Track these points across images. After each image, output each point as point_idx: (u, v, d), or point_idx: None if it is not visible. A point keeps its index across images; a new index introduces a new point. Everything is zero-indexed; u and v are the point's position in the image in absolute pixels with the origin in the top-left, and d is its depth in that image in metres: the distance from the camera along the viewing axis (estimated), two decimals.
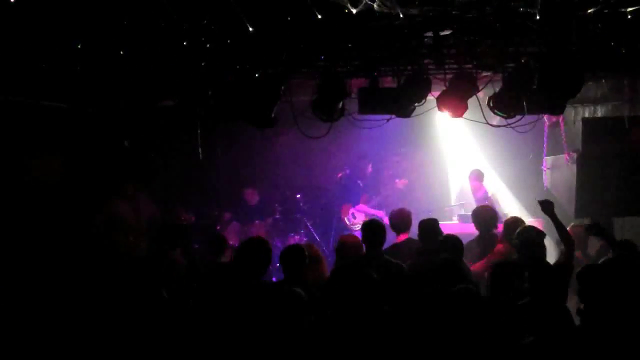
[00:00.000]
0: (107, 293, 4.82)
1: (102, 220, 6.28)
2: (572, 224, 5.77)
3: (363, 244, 4.91)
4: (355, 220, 8.68)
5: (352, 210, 8.84)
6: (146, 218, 6.59)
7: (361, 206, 8.84)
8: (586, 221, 5.82)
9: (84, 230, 6.34)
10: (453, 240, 4.81)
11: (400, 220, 5.59)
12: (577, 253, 5.40)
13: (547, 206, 4.78)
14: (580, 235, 5.59)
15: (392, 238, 5.61)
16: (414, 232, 5.59)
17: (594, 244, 5.68)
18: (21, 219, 6.03)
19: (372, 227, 4.91)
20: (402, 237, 5.57)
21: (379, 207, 8.90)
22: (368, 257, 4.76)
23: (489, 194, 8.16)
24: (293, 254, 4.48)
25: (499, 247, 5.27)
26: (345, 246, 4.91)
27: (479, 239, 5.62)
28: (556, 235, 4.95)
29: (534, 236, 4.77)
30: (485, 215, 5.73)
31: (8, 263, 5.68)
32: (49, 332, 4.73)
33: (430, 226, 5.27)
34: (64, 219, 6.42)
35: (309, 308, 3.61)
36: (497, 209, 7.27)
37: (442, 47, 5.08)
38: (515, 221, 5.41)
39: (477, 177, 8.35)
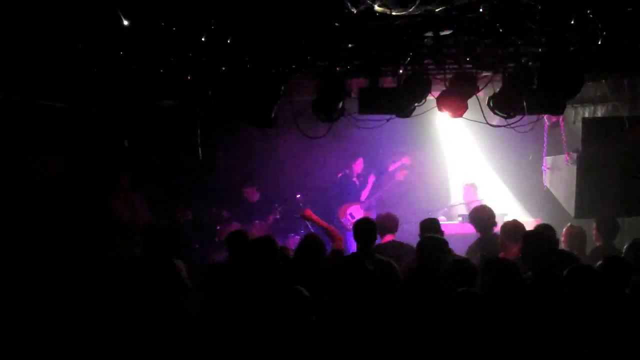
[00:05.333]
0: (105, 294, 4.82)
1: (100, 220, 6.30)
2: (570, 224, 5.77)
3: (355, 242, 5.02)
4: (354, 220, 8.68)
5: (349, 211, 8.84)
6: (140, 220, 6.60)
7: (356, 206, 8.84)
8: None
9: (85, 231, 6.35)
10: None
11: (385, 221, 5.62)
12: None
13: None
14: (579, 236, 5.59)
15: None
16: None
17: (592, 244, 5.68)
18: (22, 218, 6.04)
19: (363, 225, 5.01)
20: (387, 238, 5.60)
21: (378, 205, 8.91)
22: (360, 255, 4.79)
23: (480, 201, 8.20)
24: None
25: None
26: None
27: (480, 241, 5.59)
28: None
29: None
30: (483, 215, 5.71)
31: (9, 262, 5.69)
32: (48, 332, 4.73)
33: (431, 226, 5.28)
34: (64, 218, 6.43)
35: (312, 306, 3.61)
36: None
37: (442, 47, 5.07)
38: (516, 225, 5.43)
39: (471, 188, 8.50)
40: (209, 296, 4.51)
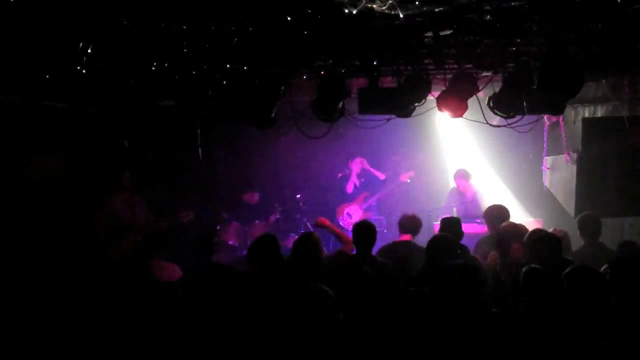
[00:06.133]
0: (105, 293, 4.83)
1: (101, 220, 6.31)
2: (554, 227, 5.77)
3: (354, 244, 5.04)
4: (351, 219, 8.67)
5: (347, 210, 8.83)
6: (141, 221, 6.62)
7: (354, 206, 8.84)
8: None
9: (85, 231, 6.35)
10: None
11: (409, 222, 5.61)
12: None
13: None
14: (563, 239, 5.58)
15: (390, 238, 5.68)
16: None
17: (578, 245, 5.67)
18: (21, 219, 6.04)
19: (362, 229, 5.01)
20: (404, 237, 5.59)
21: (378, 205, 8.90)
22: (357, 257, 4.83)
23: (478, 193, 8.14)
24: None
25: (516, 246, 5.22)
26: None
27: (490, 238, 5.66)
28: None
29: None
30: (497, 214, 5.74)
31: (8, 263, 5.69)
32: (48, 332, 4.73)
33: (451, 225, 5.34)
34: (64, 219, 6.42)
35: (337, 305, 3.56)
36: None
37: (442, 47, 5.08)
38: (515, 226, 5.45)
39: (464, 176, 8.15)
40: (212, 297, 4.51)
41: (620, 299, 3.78)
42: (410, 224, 5.61)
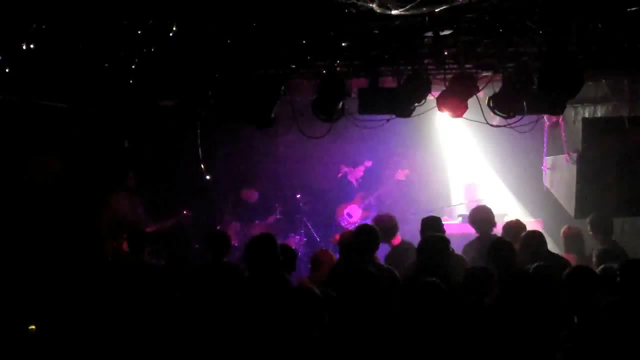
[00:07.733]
0: (106, 293, 4.84)
1: (106, 219, 6.34)
2: (567, 225, 5.77)
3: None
4: (351, 219, 8.67)
5: (346, 210, 8.84)
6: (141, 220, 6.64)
7: (353, 206, 8.84)
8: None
9: (86, 231, 6.36)
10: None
11: (388, 223, 5.54)
12: (572, 256, 5.39)
13: None
14: (576, 237, 5.59)
15: None
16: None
17: (590, 246, 5.67)
18: (21, 219, 6.04)
19: (366, 232, 4.92)
20: (397, 240, 5.59)
21: (377, 204, 8.90)
22: (360, 262, 4.78)
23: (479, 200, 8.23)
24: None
25: None
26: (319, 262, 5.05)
27: (478, 241, 5.59)
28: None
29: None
30: (481, 215, 5.72)
31: (8, 263, 5.69)
32: (49, 332, 4.74)
33: (433, 225, 5.28)
34: (63, 219, 6.43)
35: (325, 307, 3.57)
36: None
37: (442, 47, 5.08)
38: (517, 224, 5.45)
39: (471, 187, 8.58)
40: (211, 296, 4.52)
41: (626, 300, 3.75)
42: (392, 224, 5.56)
